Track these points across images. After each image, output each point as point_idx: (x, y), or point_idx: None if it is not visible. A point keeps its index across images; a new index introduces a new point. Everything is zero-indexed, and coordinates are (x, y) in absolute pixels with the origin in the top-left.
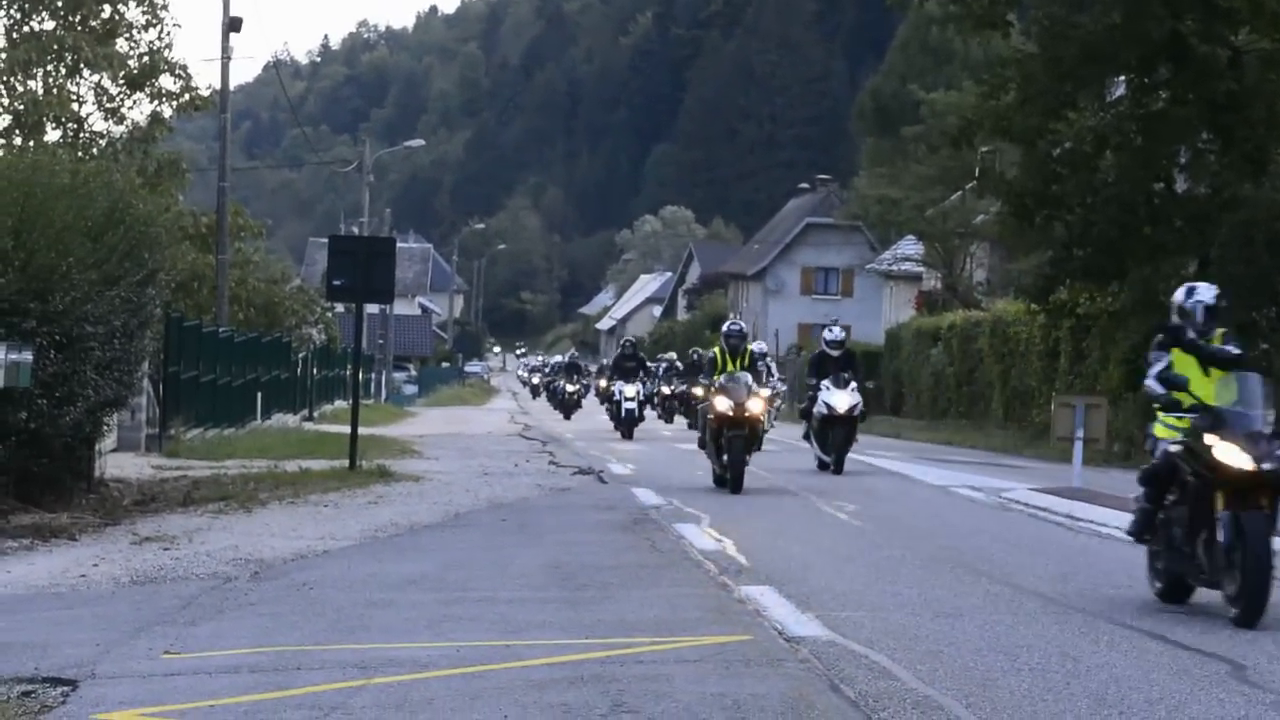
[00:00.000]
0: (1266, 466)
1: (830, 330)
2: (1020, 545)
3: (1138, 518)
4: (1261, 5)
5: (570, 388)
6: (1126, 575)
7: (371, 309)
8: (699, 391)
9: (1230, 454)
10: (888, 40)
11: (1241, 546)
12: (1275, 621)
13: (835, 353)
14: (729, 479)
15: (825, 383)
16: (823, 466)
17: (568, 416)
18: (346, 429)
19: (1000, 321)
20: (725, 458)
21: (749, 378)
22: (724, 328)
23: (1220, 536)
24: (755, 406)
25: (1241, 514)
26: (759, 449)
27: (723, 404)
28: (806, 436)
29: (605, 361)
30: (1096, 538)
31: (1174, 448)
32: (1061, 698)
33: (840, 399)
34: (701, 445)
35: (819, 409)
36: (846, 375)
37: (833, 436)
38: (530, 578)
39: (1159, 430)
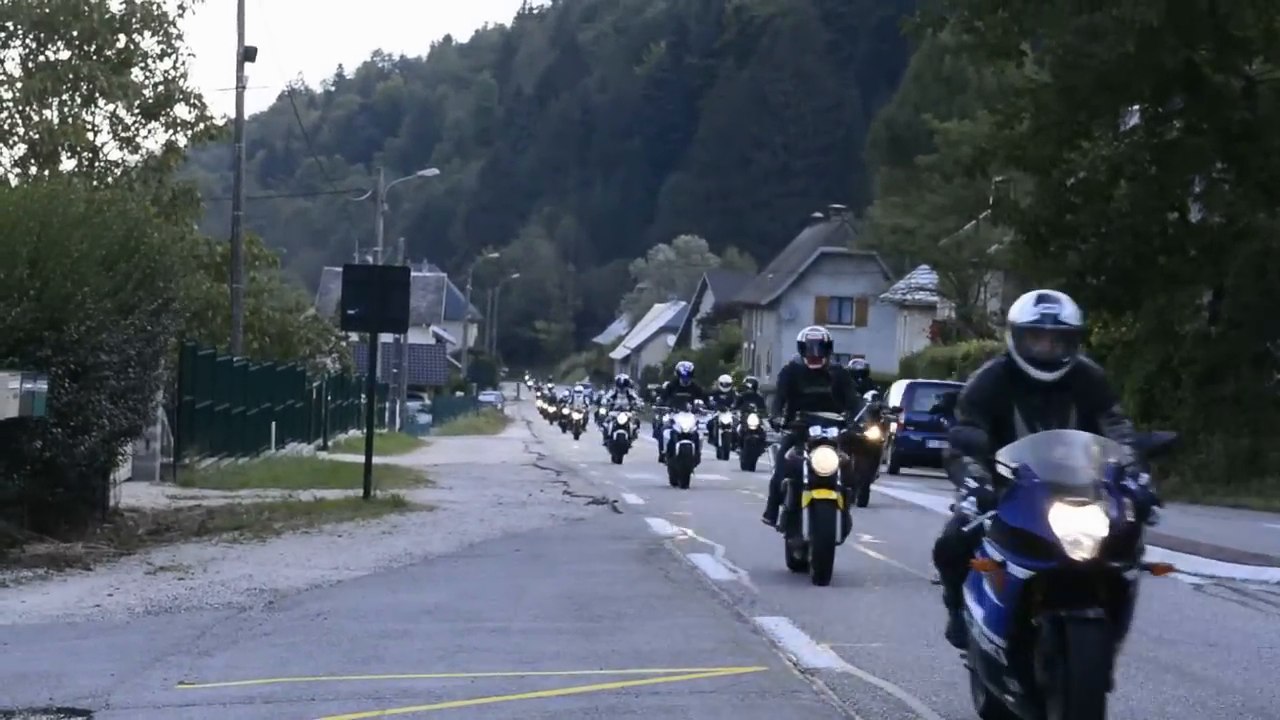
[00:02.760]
0: None
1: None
2: None
3: None
4: (1276, 35)
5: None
6: (1143, 607)
7: (386, 338)
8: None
9: None
10: (901, 69)
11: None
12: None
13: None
14: None
15: None
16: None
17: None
18: (361, 458)
19: None
20: None
21: None
22: None
23: None
24: None
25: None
26: None
27: None
28: None
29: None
30: None
31: None
32: None
33: None
34: None
35: None
36: None
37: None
38: (544, 608)
39: None
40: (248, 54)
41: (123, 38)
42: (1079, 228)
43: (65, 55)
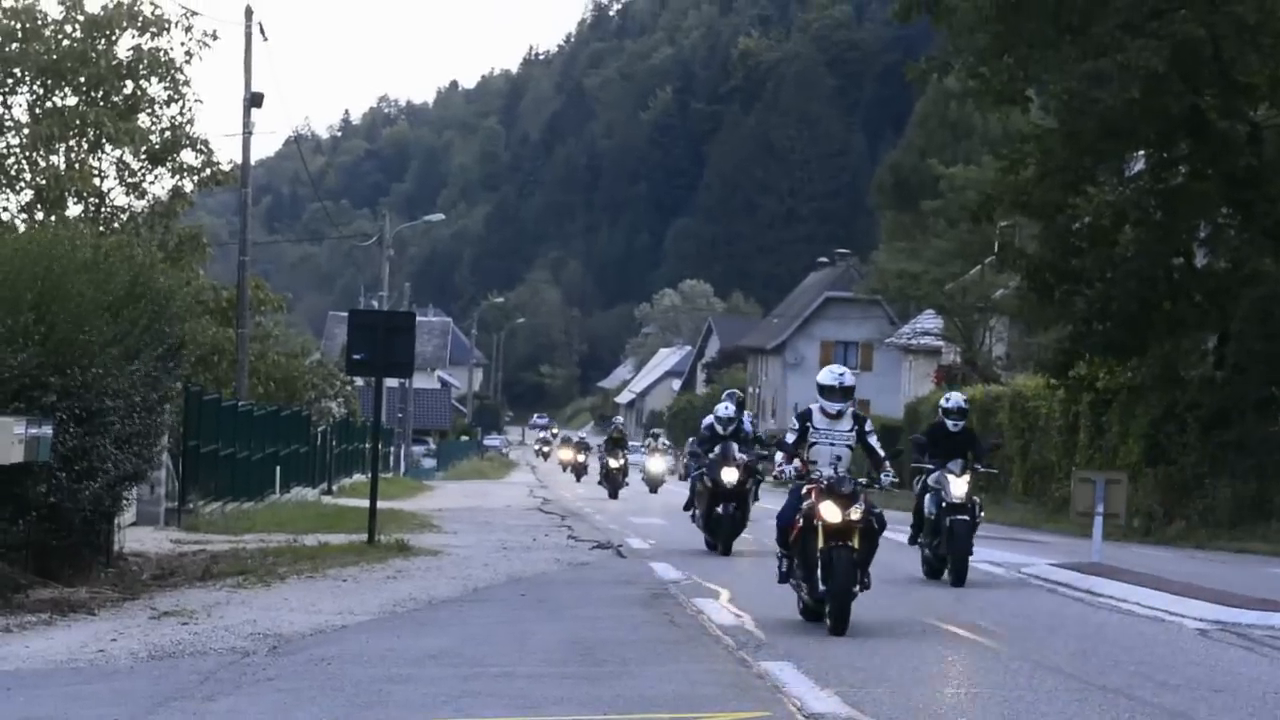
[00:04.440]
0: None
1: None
2: (1039, 621)
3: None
4: None
5: None
6: (1147, 652)
7: (391, 383)
8: None
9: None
10: (907, 115)
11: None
12: None
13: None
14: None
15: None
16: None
17: None
18: (365, 503)
19: (1020, 396)
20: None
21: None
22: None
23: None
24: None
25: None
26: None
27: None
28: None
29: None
30: (1116, 613)
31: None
32: None
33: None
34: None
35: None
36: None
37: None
38: (549, 653)
39: None
40: (254, 100)
41: (130, 84)
42: (1084, 273)
43: (72, 101)
